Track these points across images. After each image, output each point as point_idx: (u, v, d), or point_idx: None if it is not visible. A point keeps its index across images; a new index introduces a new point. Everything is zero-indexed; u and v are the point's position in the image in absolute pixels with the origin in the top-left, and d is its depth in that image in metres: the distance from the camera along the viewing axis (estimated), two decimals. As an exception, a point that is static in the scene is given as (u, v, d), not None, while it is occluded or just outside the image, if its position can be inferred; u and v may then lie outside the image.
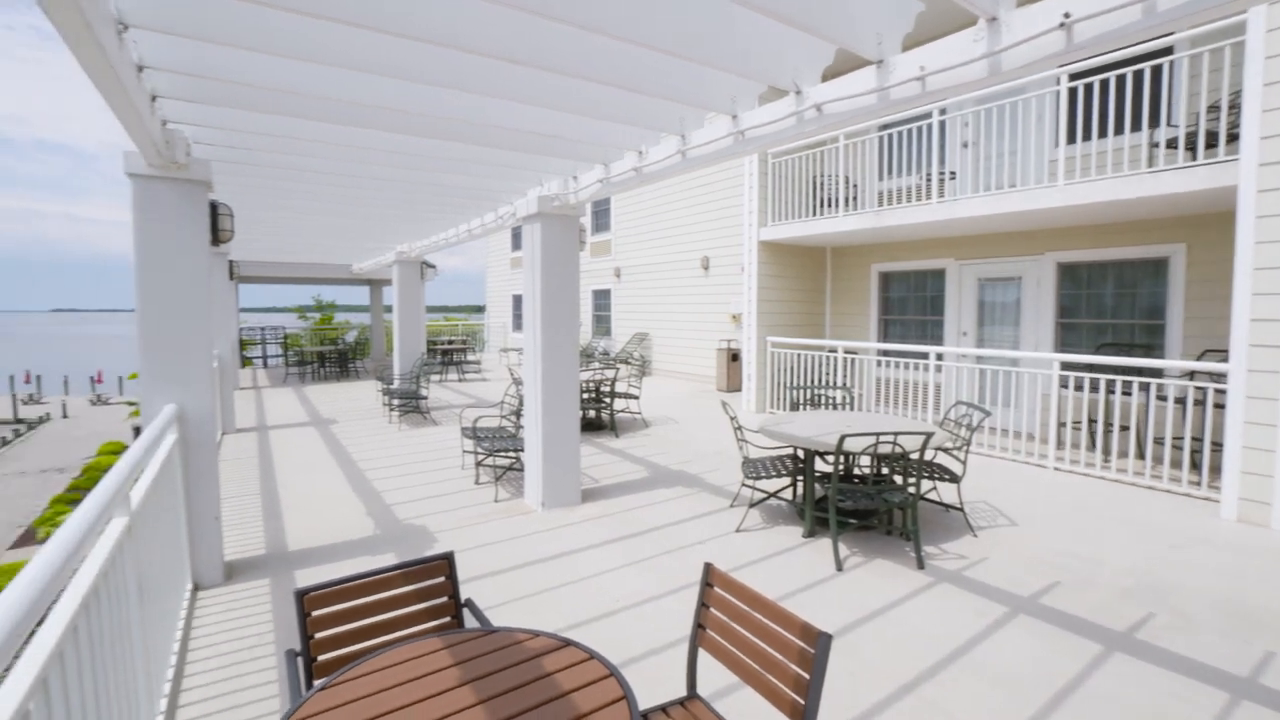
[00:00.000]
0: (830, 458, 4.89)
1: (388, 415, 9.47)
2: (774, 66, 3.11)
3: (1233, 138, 5.35)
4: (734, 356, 11.53)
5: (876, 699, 2.64)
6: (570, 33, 2.80)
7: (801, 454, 4.76)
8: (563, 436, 5.17)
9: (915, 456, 3.98)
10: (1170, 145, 6.26)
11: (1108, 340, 7.22)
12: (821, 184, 9.21)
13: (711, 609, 2.00)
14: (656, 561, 4.08)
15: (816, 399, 6.93)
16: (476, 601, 2.20)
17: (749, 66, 3.08)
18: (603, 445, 7.41)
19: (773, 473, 4.72)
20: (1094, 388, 6.48)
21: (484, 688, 1.56)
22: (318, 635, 1.90)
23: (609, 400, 8.10)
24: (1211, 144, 5.59)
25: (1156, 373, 6.03)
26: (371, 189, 5.84)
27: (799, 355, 9.03)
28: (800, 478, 4.83)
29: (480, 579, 3.79)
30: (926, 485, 5.21)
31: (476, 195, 6.24)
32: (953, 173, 8.07)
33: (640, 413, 9.00)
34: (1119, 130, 6.45)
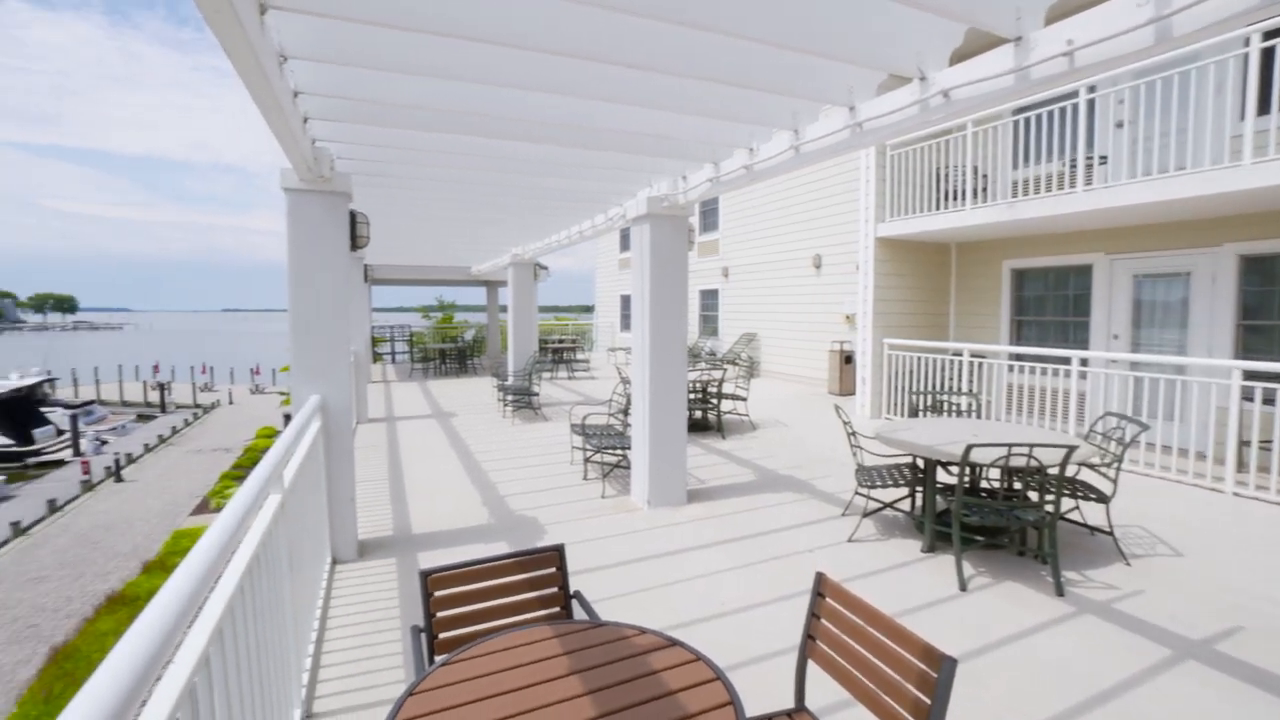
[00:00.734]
0: (954, 468, 4.54)
1: (502, 410, 9.97)
2: (895, 52, 2.93)
3: None
4: (847, 359, 11.05)
5: (1007, 735, 2.41)
6: (680, 32, 2.80)
7: (921, 463, 4.46)
8: (669, 436, 5.18)
9: (1055, 471, 3.60)
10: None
11: (1304, 345, 6.16)
12: (946, 175, 8.59)
13: (822, 620, 1.91)
14: (763, 567, 3.98)
15: (938, 405, 6.47)
16: (583, 594, 2.25)
17: (868, 54, 2.93)
18: (709, 446, 7.36)
19: (889, 482, 4.45)
20: (1285, 401, 5.55)
21: (592, 679, 1.59)
22: (439, 614, 2.03)
23: (716, 401, 8.04)
24: None
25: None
26: (490, 194, 6.18)
27: (918, 358, 8.48)
28: (920, 488, 4.53)
29: (587, 572, 3.89)
30: (1067, 504, 4.70)
31: (587, 198, 6.42)
32: (1103, 157, 7.22)
33: (748, 414, 8.85)
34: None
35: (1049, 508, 3.67)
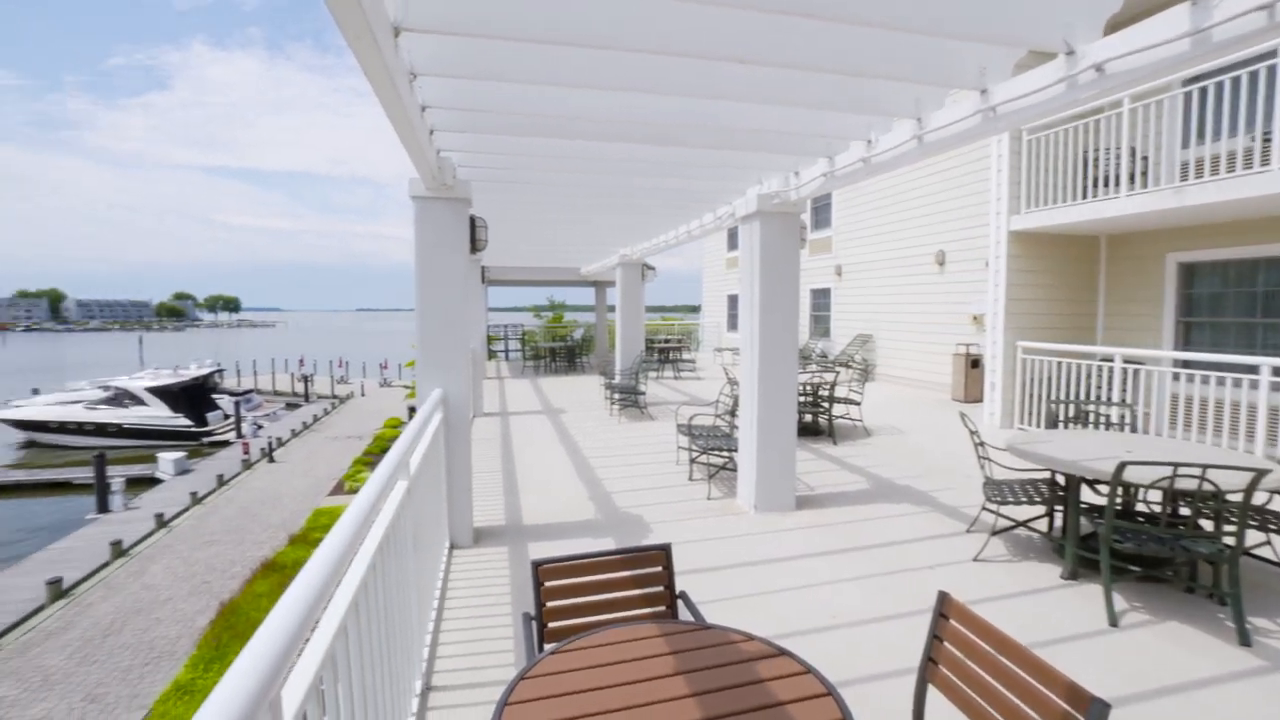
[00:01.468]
0: (1103, 488, 4.05)
1: (609, 408, 10.18)
2: (1037, 26, 2.66)
3: None
4: (974, 363, 10.23)
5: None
6: (794, 24, 2.70)
7: (1063, 480, 4.02)
8: (778, 439, 5.04)
9: (1238, 498, 3.10)
10: None
11: None
12: (1095, 159, 7.69)
13: (945, 643, 1.77)
14: (878, 581, 3.77)
15: (1083, 416, 5.81)
16: (688, 595, 2.23)
17: (1004, 30, 2.68)
18: (819, 451, 7.09)
19: (1023, 498, 4.06)
20: None
21: (697, 681, 1.57)
22: (549, 604, 2.09)
23: (827, 405, 7.73)
24: None
25: None
26: (599, 196, 6.33)
27: (1058, 364, 7.67)
28: (1060, 508, 4.08)
29: (690, 574, 3.86)
30: (1255, 537, 4.03)
31: (695, 197, 6.40)
32: (1302, 130, 6.14)
33: (861, 420, 8.43)
34: None
35: (1229, 540, 3.17)
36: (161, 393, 25.47)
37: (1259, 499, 3.70)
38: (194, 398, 26.33)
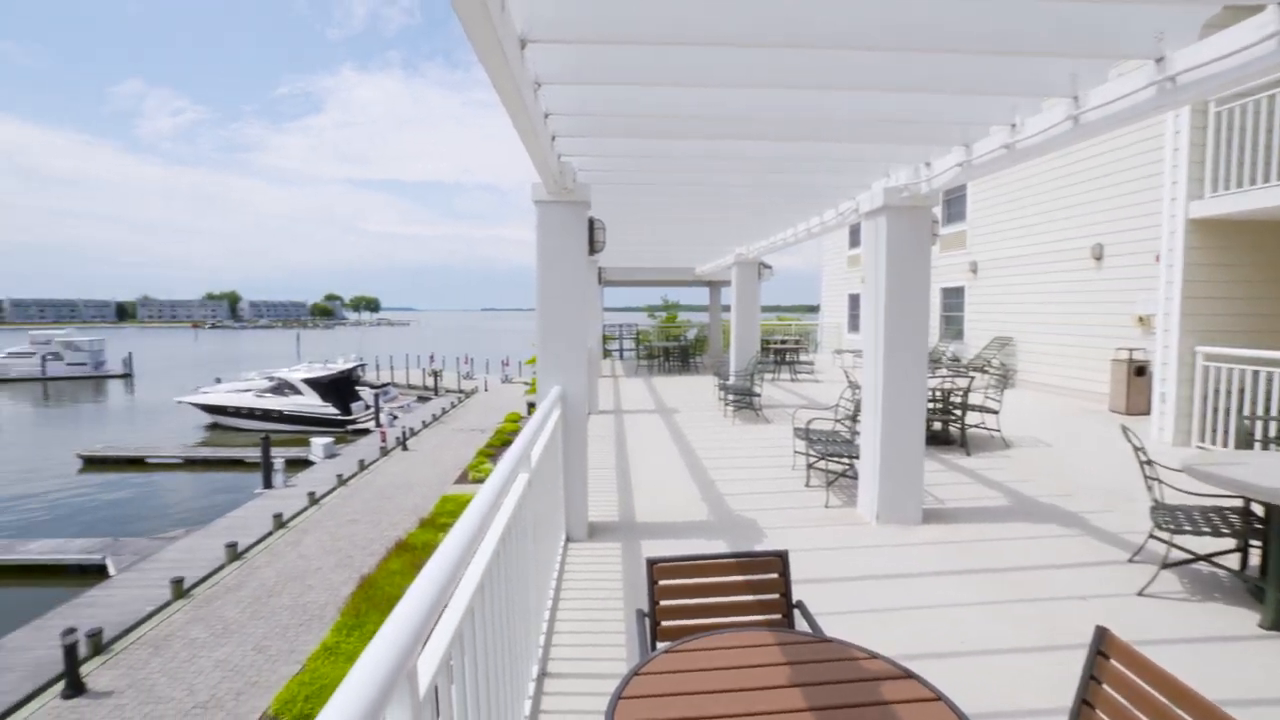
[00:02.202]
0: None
1: (722, 409, 10.07)
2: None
3: None
4: (1138, 370, 9.02)
5: None
6: (950, 4, 2.52)
7: (1261, 510, 3.43)
8: (904, 447, 4.74)
9: None
10: None
11: None
12: (1306, 132, 6.50)
13: (1104, 686, 1.57)
14: (1016, 608, 3.42)
15: (1285, 434, 4.92)
16: (805, 605, 2.15)
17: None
18: (949, 462, 6.58)
19: (1204, 528, 3.51)
20: None
21: (815, 696, 1.50)
22: (662, 602, 2.09)
23: (959, 412, 7.15)
24: None
25: None
26: (715, 195, 6.28)
27: (1253, 373, 6.57)
28: (1259, 542, 3.48)
29: (806, 583, 3.71)
30: None
31: (815, 193, 6.17)
32: None
33: (999, 430, 7.71)
34: None
35: None
36: (314, 383, 29.11)
37: None
38: (340, 389, 29.66)
